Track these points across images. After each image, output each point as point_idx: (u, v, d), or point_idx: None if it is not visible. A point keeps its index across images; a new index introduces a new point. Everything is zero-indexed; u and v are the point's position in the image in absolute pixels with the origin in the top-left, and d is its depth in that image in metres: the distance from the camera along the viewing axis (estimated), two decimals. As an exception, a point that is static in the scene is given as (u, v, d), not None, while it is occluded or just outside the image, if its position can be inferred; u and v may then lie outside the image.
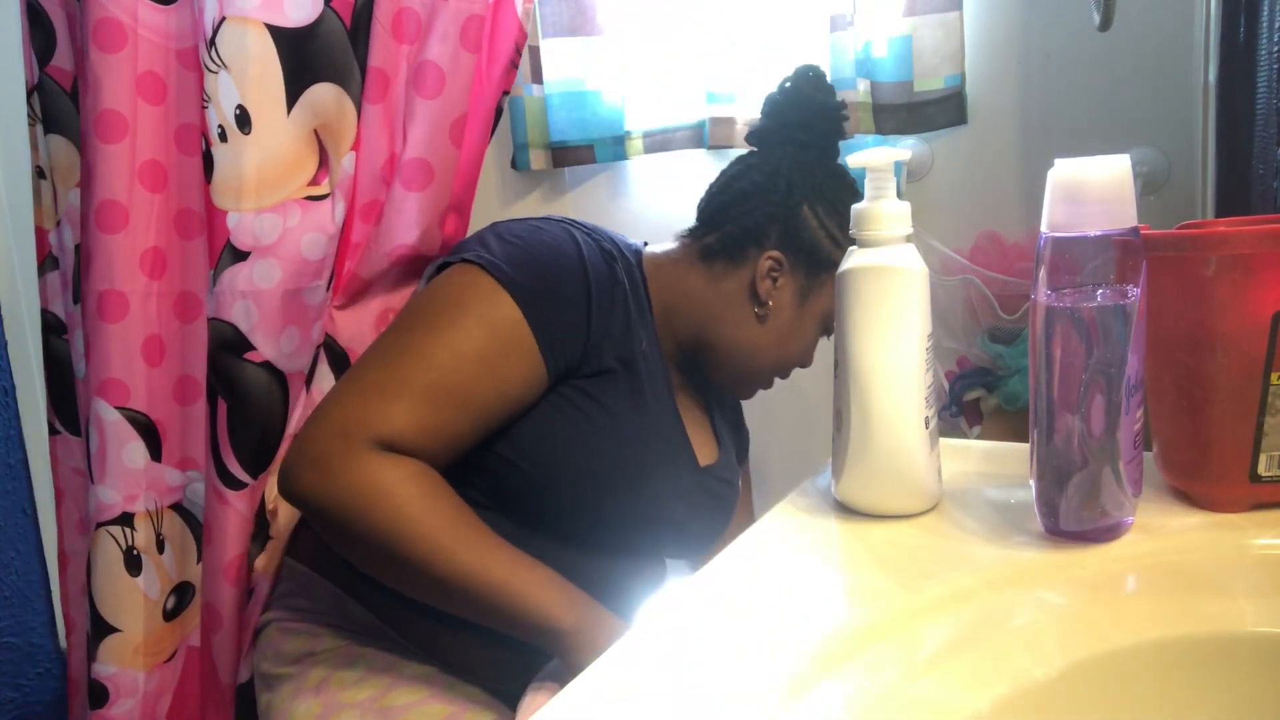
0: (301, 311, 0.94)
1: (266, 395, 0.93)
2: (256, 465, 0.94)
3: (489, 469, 0.86)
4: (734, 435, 1.13)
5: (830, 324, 0.95)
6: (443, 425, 0.80)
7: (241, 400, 0.93)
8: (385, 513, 0.77)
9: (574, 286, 0.84)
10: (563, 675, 0.80)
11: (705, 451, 1.00)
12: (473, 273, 0.84)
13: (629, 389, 0.88)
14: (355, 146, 0.95)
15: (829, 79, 1.54)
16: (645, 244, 1.01)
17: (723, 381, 1.01)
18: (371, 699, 0.84)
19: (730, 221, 0.96)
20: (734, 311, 0.95)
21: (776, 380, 1.04)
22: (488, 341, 0.81)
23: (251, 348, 0.92)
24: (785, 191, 0.94)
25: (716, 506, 1.01)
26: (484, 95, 0.99)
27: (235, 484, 0.94)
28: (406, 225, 0.97)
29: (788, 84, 0.99)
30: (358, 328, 1.01)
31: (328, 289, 0.98)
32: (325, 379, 0.99)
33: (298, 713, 0.86)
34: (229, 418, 0.93)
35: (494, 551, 0.79)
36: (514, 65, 1.01)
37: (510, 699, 0.93)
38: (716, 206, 0.98)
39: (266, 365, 0.93)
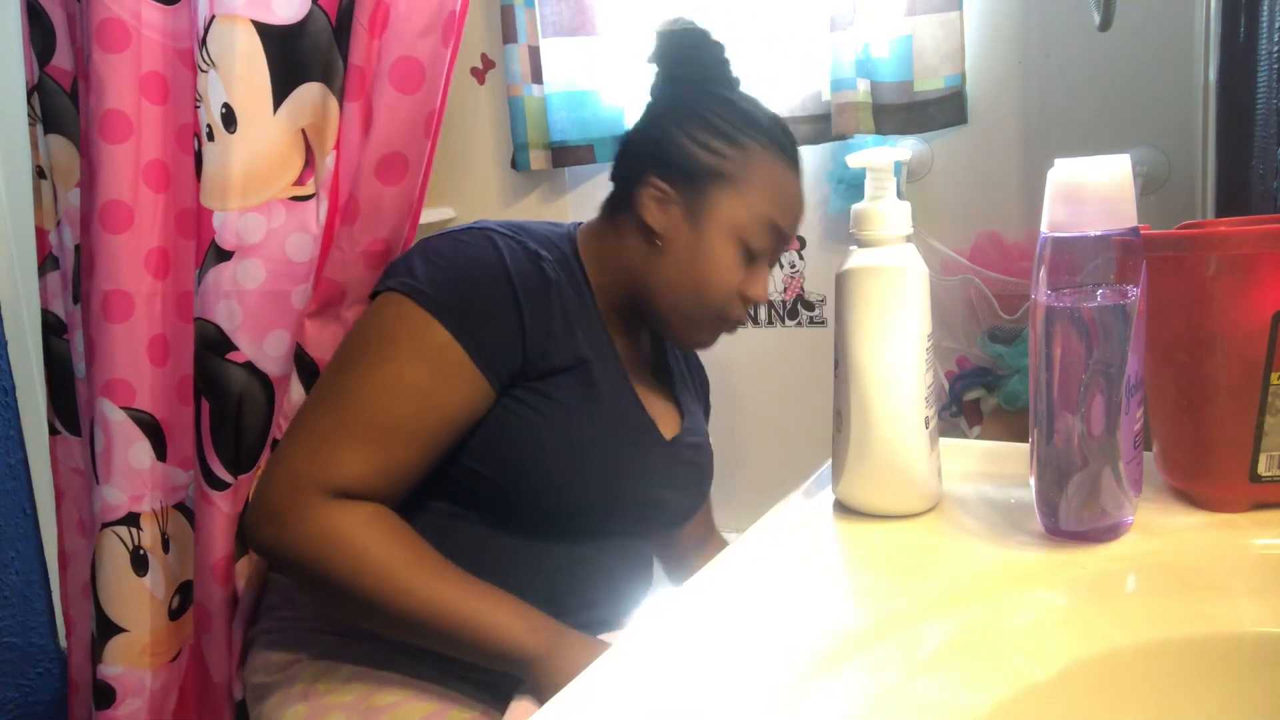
0: (290, 315, 0.94)
1: (247, 396, 0.93)
2: (237, 466, 0.94)
3: (456, 479, 0.87)
4: (701, 396, 1.12)
5: (747, 238, 0.91)
6: (392, 463, 0.81)
7: (222, 400, 0.93)
8: (344, 560, 0.79)
9: (502, 298, 0.84)
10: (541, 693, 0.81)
11: (668, 422, 0.99)
12: (399, 302, 0.84)
13: (581, 382, 0.88)
14: (336, 146, 0.95)
15: (829, 77, 1.55)
16: (580, 224, 1.01)
17: (671, 335, 0.98)
18: (357, 700, 0.84)
19: (617, 172, 0.97)
20: (639, 255, 0.94)
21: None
22: (423, 372, 0.81)
23: (234, 348, 0.92)
24: (657, 124, 0.94)
25: (691, 475, 1.01)
26: (448, 87, 1.00)
27: (218, 484, 0.94)
28: (383, 221, 0.97)
29: (663, 31, 0.98)
30: (331, 338, 0.99)
31: None
32: (296, 390, 0.98)
33: (285, 718, 0.86)
34: (211, 417, 0.93)
35: (456, 588, 0.80)
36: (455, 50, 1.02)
37: (496, 690, 0.93)
38: (613, 166, 0.99)
39: (248, 366, 0.92)
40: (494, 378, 0.84)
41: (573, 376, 0.88)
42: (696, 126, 0.93)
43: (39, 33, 1.00)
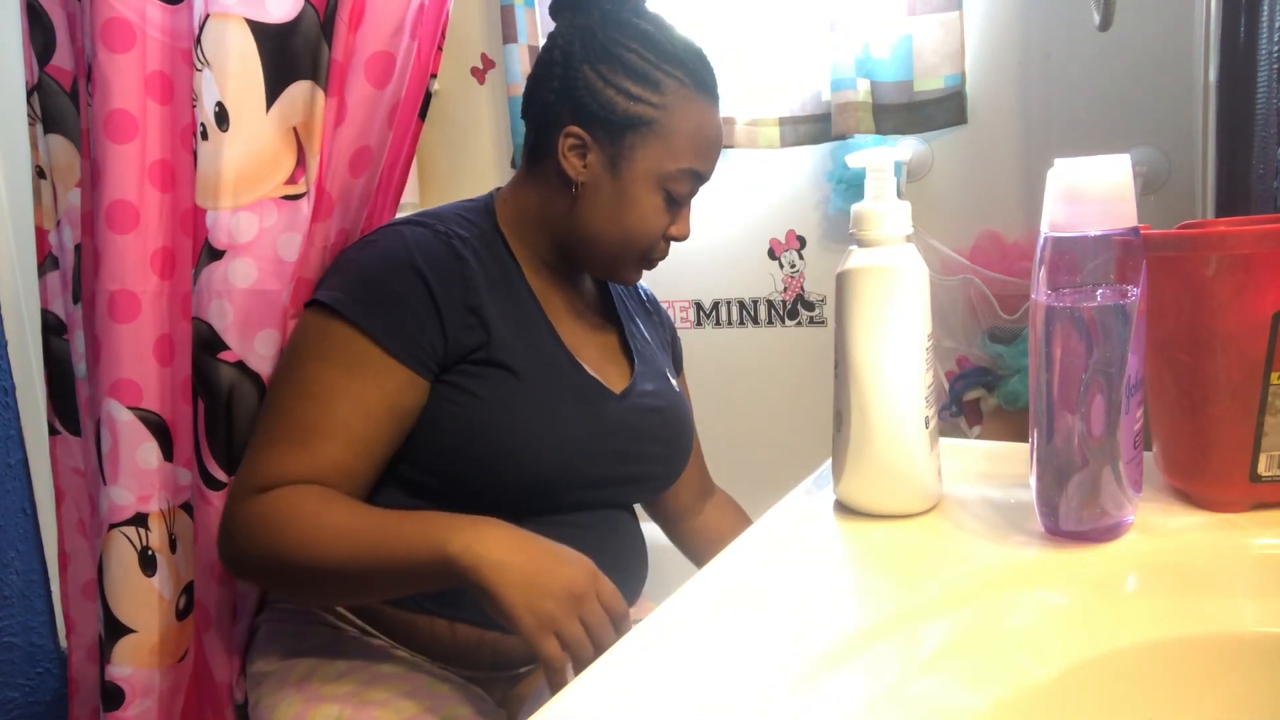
0: (281, 314, 0.94)
1: (238, 395, 0.93)
2: (230, 465, 0.94)
3: (413, 482, 0.88)
4: (660, 340, 1.10)
5: (670, 186, 0.90)
6: (321, 461, 0.81)
7: (215, 400, 0.93)
8: (272, 530, 0.78)
9: (410, 284, 0.85)
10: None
11: (616, 374, 0.97)
12: (307, 317, 0.88)
13: (506, 357, 0.87)
14: (322, 144, 0.95)
15: (829, 77, 1.55)
16: (499, 189, 1.00)
17: (596, 274, 0.99)
18: (351, 693, 0.85)
19: (529, 117, 0.95)
20: (560, 203, 0.93)
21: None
22: (330, 371, 0.83)
23: (225, 347, 0.92)
24: (562, 63, 0.90)
25: (657, 425, 0.98)
26: (416, 79, 1.00)
27: (214, 484, 0.94)
28: (349, 214, 0.98)
29: None
30: None
31: None
32: None
33: (280, 707, 0.86)
34: (205, 417, 0.93)
35: (363, 519, 0.78)
36: (439, 49, 1.01)
37: (494, 687, 0.93)
38: (523, 108, 0.96)
39: (239, 365, 0.93)
40: (415, 364, 0.84)
41: (496, 353, 0.87)
42: (611, 67, 0.89)
43: (39, 32, 1.00)
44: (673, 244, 0.96)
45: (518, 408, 0.86)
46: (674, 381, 1.05)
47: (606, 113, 0.89)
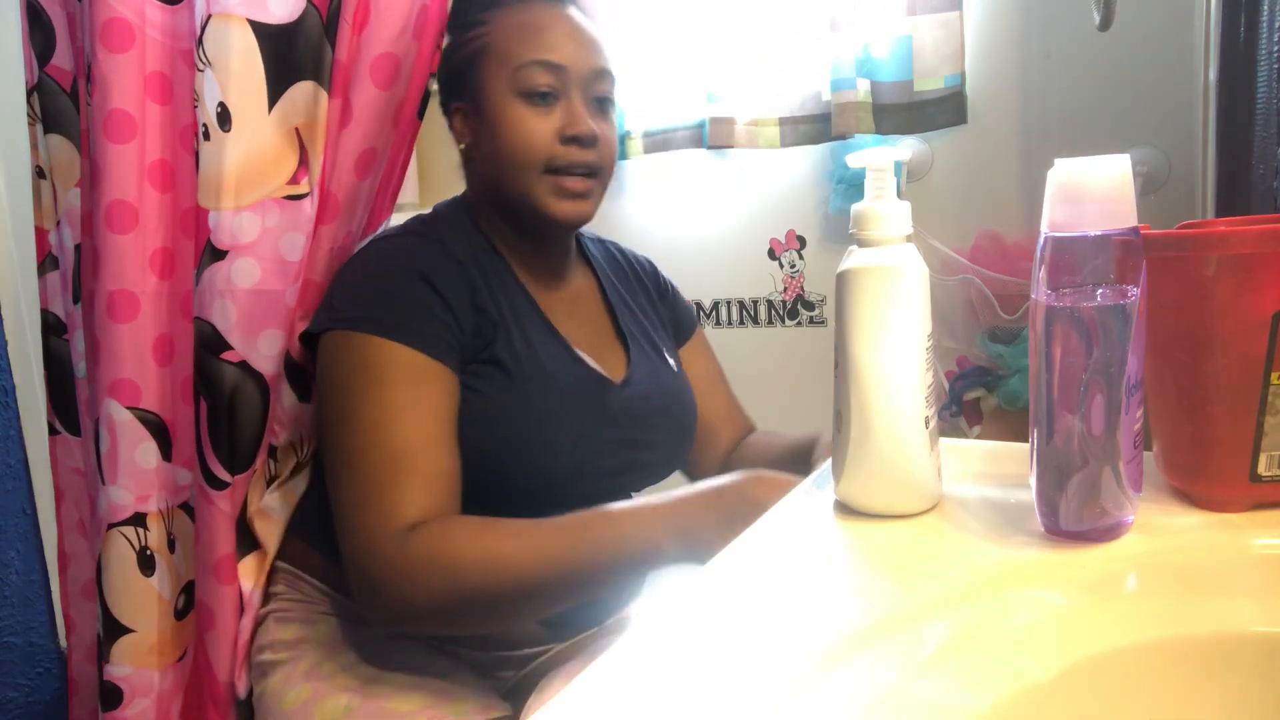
0: (284, 314, 0.94)
1: (241, 395, 0.93)
2: (234, 465, 0.94)
3: None
4: (658, 317, 1.10)
5: (518, 86, 0.90)
6: (437, 477, 0.82)
7: (218, 400, 0.93)
8: (462, 570, 0.77)
9: (421, 289, 0.86)
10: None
11: (614, 362, 0.98)
12: (341, 340, 0.86)
13: (506, 354, 0.88)
14: (325, 144, 0.95)
15: (829, 77, 1.55)
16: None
17: (536, 214, 0.93)
18: (360, 684, 0.85)
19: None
20: (479, 177, 0.97)
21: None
22: (399, 389, 0.83)
23: (228, 347, 0.92)
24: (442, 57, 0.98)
25: (660, 406, 0.99)
26: (417, 79, 1.01)
27: (217, 483, 0.94)
28: (355, 216, 0.98)
29: None
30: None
31: None
32: (287, 395, 0.98)
33: (288, 698, 0.87)
34: (209, 417, 0.93)
35: (562, 531, 0.79)
36: (438, 48, 1.02)
37: (502, 674, 0.94)
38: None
39: (242, 365, 0.93)
40: (449, 360, 0.85)
41: (499, 351, 0.88)
42: (449, 35, 0.96)
43: (39, 32, 1.00)
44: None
45: (522, 404, 0.87)
46: (671, 361, 1.05)
47: (453, 69, 0.95)
